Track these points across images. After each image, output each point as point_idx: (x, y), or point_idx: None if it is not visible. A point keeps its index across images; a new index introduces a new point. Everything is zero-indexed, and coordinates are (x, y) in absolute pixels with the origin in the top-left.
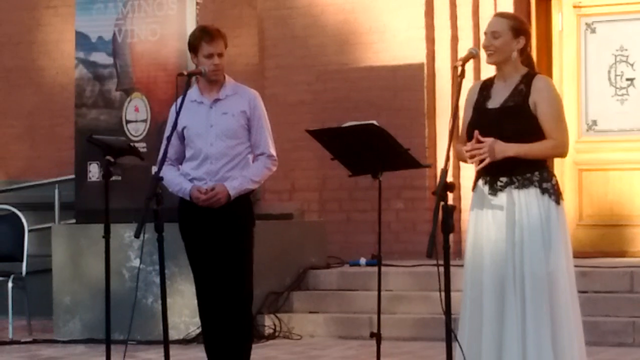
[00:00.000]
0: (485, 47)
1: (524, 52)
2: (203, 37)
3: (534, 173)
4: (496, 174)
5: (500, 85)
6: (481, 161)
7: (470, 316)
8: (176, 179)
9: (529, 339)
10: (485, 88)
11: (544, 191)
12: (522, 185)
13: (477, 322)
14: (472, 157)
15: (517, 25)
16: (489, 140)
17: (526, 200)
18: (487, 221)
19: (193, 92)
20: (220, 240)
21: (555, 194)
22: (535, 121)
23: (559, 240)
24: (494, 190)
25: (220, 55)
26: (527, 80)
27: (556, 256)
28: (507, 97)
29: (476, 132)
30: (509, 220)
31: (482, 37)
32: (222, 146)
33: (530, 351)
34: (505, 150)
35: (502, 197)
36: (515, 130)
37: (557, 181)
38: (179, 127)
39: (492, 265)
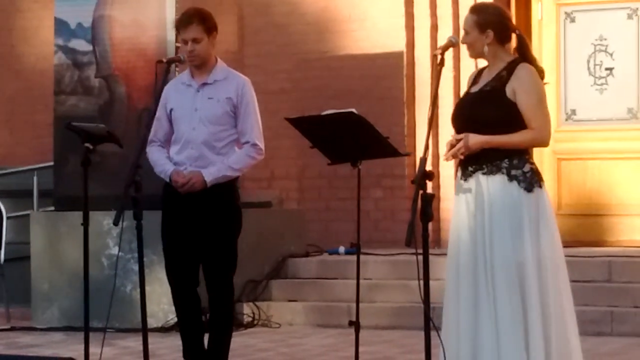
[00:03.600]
0: (463, 43)
1: (505, 40)
2: (179, 22)
3: (504, 160)
4: (468, 160)
5: (487, 71)
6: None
7: (448, 302)
8: (160, 160)
9: (502, 330)
10: (478, 75)
11: (512, 178)
12: (490, 172)
13: (455, 308)
14: (454, 157)
15: (482, 20)
16: (462, 136)
17: (493, 187)
18: (461, 208)
19: (184, 75)
20: (199, 226)
21: (525, 181)
22: (512, 108)
23: (531, 229)
24: (464, 176)
25: (195, 40)
26: (511, 67)
27: (527, 246)
28: (487, 82)
29: (453, 135)
30: (476, 207)
31: (462, 26)
32: (204, 131)
33: (504, 341)
34: (478, 143)
35: (471, 183)
36: (489, 115)
37: (532, 168)
38: (168, 109)
39: (465, 252)
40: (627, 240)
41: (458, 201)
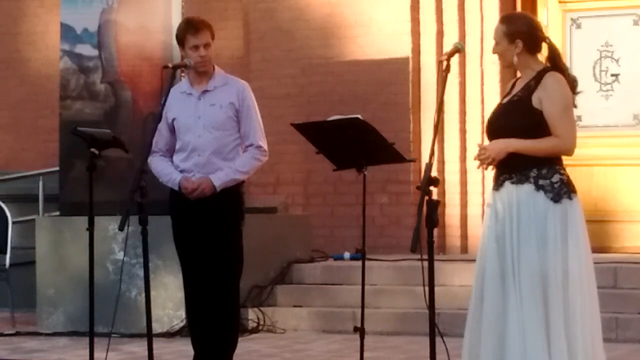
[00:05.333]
0: (493, 53)
1: (535, 50)
2: (188, 29)
3: (532, 169)
4: (499, 170)
5: (519, 81)
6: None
7: (474, 309)
8: (166, 170)
9: (527, 338)
10: (512, 85)
11: (539, 188)
12: (519, 181)
13: (478, 314)
14: (479, 166)
15: (511, 30)
16: (489, 143)
17: (521, 196)
18: (492, 217)
19: (183, 84)
20: (208, 232)
21: (552, 191)
22: (538, 117)
23: (556, 240)
24: (496, 186)
25: (206, 46)
26: (539, 76)
27: (551, 256)
28: (517, 92)
29: (478, 144)
30: (507, 216)
31: (468, 32)
32: (209, 138)
33: (529, 347)
34: (503, 148)
35: (502, 193)
36: (516, 124)
37: (561, 179)
38: (169, 119)
39: (494, 260)
40: (633, 246)
41: (488, 211)
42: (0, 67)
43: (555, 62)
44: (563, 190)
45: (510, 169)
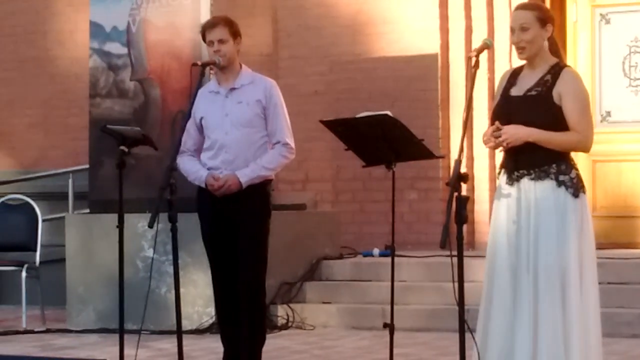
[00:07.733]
0: (516, 44)
1: (550, 39)
2: (206, 25)
3: (552, 165)
4: (514, 165)
5: (528, 73)
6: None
7: (485, 305)
8: (193, 167)
9: (541, 332)
10: (514, 75)
11: (560, 184)
12: (538, 177)
13: (488, 310)
14: (486, 142)
15: (542, 15)
16: (508, 126)
17: (541, 192)
18: (503, 212)
19: (211, 83)
20: (235, 229)
21: (572, 187)
22: (557, 112)
23: (575, 234)
24: (511, 181)
25: (221, 41)
26: (555, 71)
27: (572, 251)
28: (531, 86)
29: (497, 123)
30: (524, 211)
31: (497, 28)
32: (237, 135)
33: (542, 344)
34: (523, 136)
35: (518, 188)
36: (536, 120)
37: (577, 174)
38: (197, 118)
39: (507, 256)
40: None
41: (498, 206)
42: (30, 65)
43: (561, 56)
44: (579, 185)
45: (528, 165)
